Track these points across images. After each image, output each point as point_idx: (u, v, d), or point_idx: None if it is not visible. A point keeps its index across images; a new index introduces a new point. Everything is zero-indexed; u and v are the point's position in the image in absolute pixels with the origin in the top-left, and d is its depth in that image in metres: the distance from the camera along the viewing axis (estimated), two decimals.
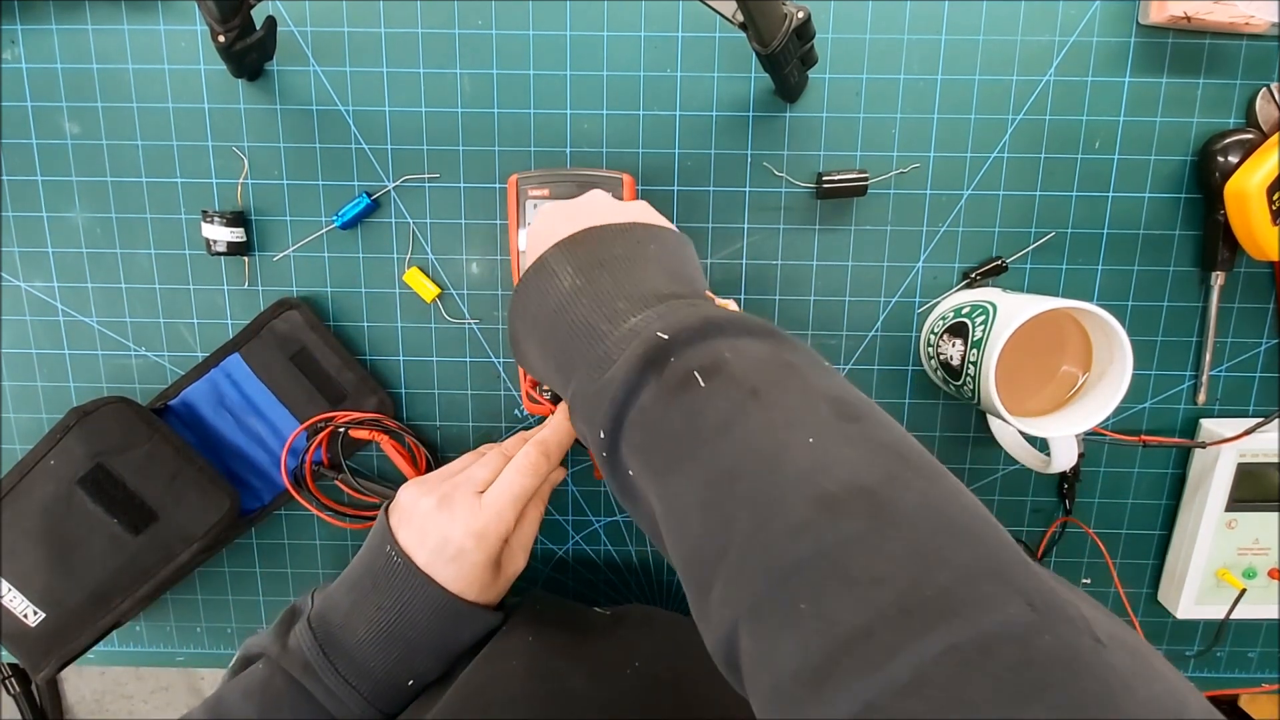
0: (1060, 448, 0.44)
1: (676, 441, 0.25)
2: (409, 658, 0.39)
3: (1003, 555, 0.20)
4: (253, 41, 0.41)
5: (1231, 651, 0.55)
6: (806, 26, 0.38)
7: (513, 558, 0.41)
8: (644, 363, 0.26)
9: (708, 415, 0.24)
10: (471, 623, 0.40)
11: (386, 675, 0.39)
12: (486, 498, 0.40)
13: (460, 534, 0.39)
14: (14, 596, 0.46)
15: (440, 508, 0.39)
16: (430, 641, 0.39)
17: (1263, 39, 0.45)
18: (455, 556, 0.39)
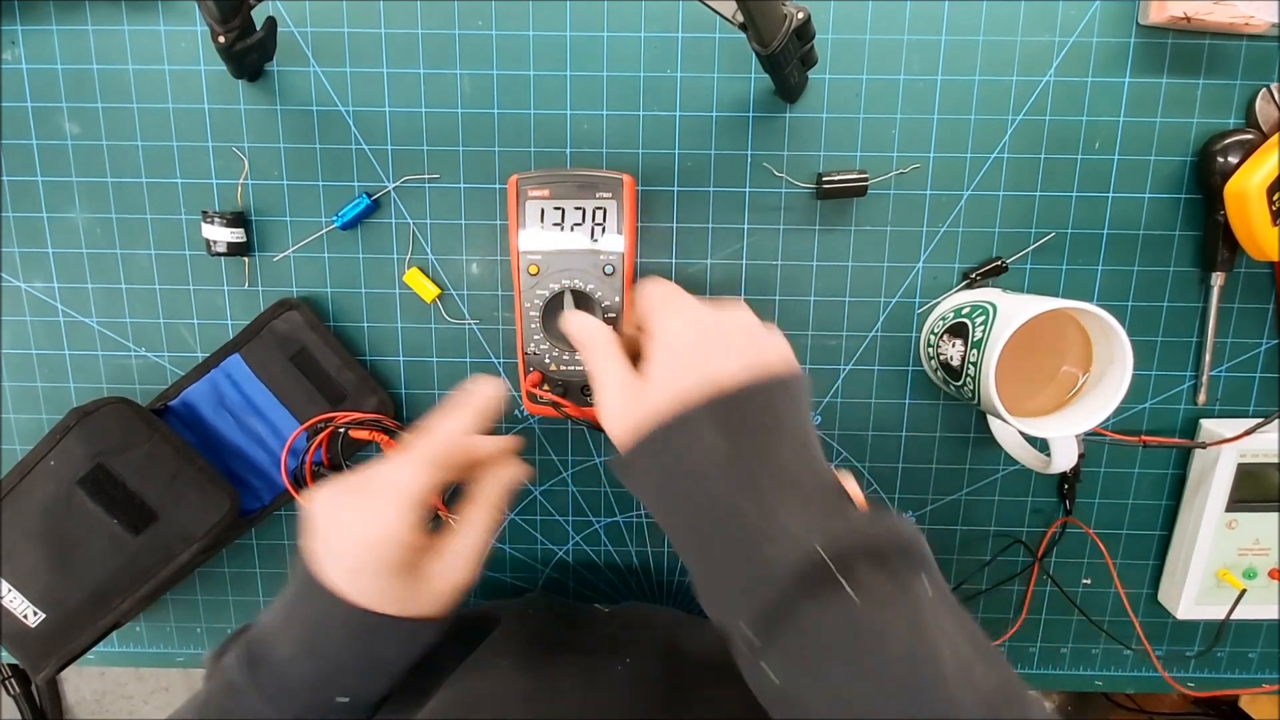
0: (1060, 448, 0.44)
1: (835, 651, 0.27)
2: (335, 675, 0.36)
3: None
4: (253, 42, 0.41)
5: (1232, 652, 0.55)
6: (806, 27, 0.38)
7: (450, 567, 0.37)
8: (803, 580, 0.28)
9: (865, 629, 0.27)
10: (393, 637, 0.36)
11: (312, 693, 0.36)
12: (374, 502, 0.35)
13: (351, 543, 0.35)
14: (14, 597, 0.46)
15: (335, 514, 0.35)
16: (351, 658, 0.36)
17: (1262, 39, 0.45)
18: (354, 568, 0.35)
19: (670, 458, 0.31)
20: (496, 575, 0.54)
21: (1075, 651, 0.55)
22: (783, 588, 0.28)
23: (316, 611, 0.35)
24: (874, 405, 0.51)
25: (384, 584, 0.35)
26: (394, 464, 0.36)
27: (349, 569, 0.35)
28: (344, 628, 0.35)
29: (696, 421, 0.31)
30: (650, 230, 0.48)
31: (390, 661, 0.37)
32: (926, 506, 0.52)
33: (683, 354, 0.33)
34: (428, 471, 0.36)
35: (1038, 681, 0.56)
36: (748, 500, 0.30)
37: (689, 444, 0.31)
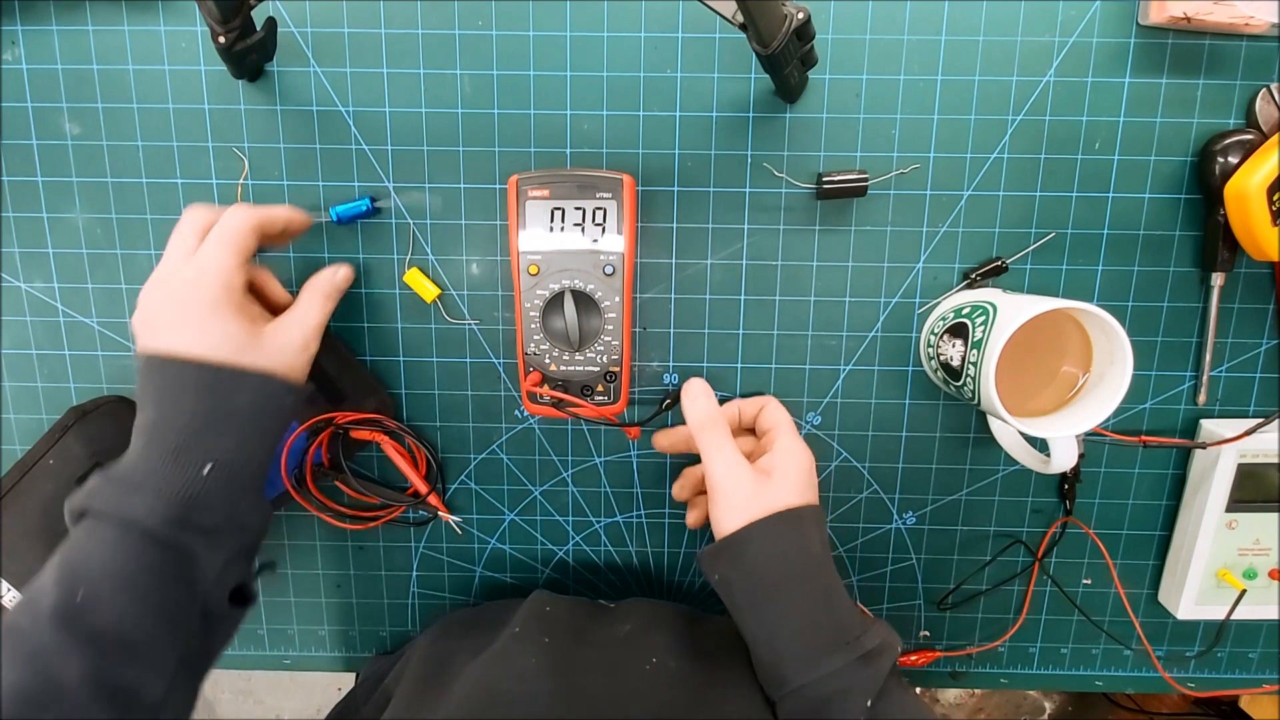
0: (1060, 448, 0.44)
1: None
2: (192, 440, 0.36)
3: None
4: (253, 42, 0.41)
5: (1232, 652, 0.55)
6: (806, 27, 0.38)
7: (284, 327, 0.40)
8: (892, 671, 0.39)
9: (922, 709, 0.40)
10: (241, 387, 0.37)
11: (176, 465, 0.36)
12: (192, 257, 0.39)
13: (175, 287, 0.38)
14: (14, 596, 0.46)
15: (151, 286, 0.39)
16: (204, 417, 0.36)
17: (1263, 39, 0.45)
18: (180, 314, 0.37)
19: (785, 544, 0.40)
20: (497, 575, 0.54)
21: (1075, 652, 0.55)
22: (884, 674, 0.38)
23: (159, 386, 0.36)
24: (874, 405, 0.51)
25: (216, 325, 0.37)
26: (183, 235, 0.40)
27: (179, 321, 0.37)
28: (189, 387, 0.36)
29: (809, 521, 0.40)
30: (650, 230, 0.48)
31: (245, 417, 0.37)
32: (926, 506, 0.53)
33: (805, 471, 0.42)
34: (246, 228, 0.39)
35: (1038, 682, 0.56)
36: (835, 600, 0.40)
37: (802, 539, 0.40)
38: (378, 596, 0.55)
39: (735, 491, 0.41)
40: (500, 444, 0.52)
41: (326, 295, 0.43)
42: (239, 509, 0.38)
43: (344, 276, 0.46)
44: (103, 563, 0.34)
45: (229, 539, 0.37)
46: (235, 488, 0.37)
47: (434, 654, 0.44)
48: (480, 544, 0.54)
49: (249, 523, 0.39)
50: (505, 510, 0.53)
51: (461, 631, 0.47)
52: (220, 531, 0.37)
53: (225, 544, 0.37)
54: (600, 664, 0.41)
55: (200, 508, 0.36)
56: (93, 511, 0.35)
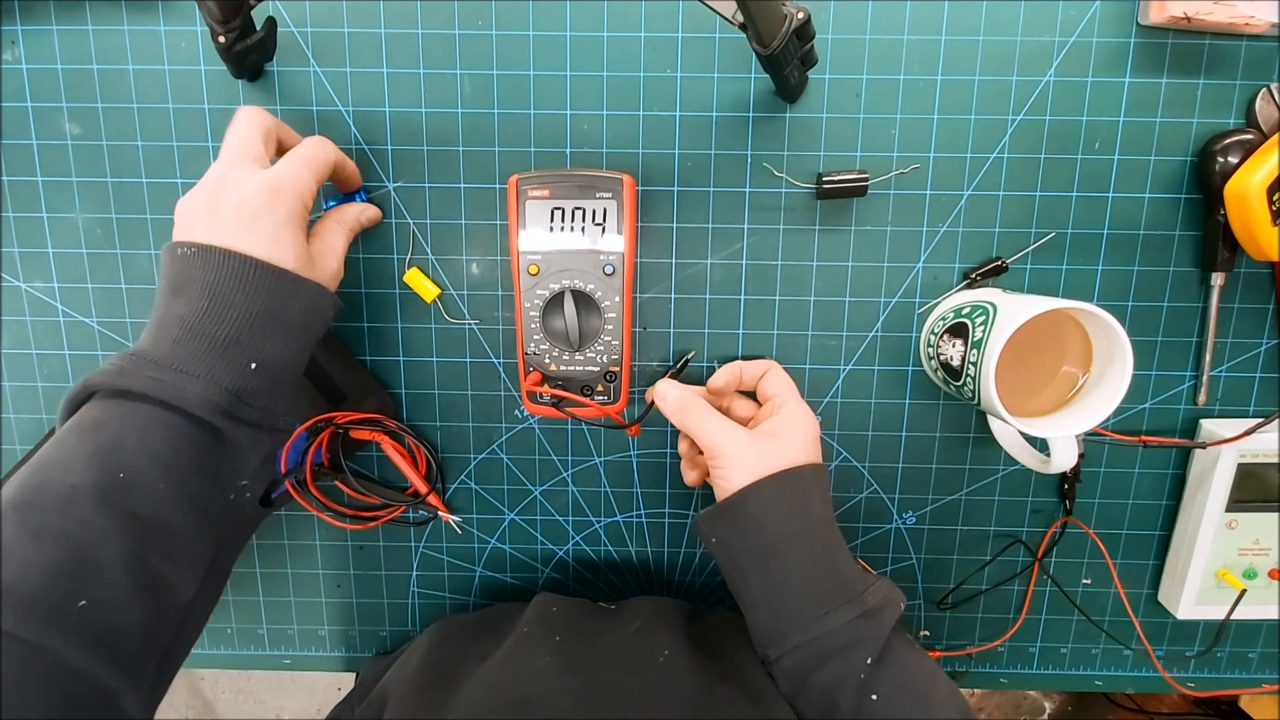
0: (1060, 448, 0.44)
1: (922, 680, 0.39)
2: (244, 339, 0.36)
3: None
4: (253, 42, 0.41)
5: (1232, 652, 0.55)
6: (806, 27, 0.38)
7: (322, 256, 0.41)
8: (897, 626, 0.39)
9: (926, 668, 0.39)
10: (295, 290, 0.38)
11: (221, 359, 0.35)
12: (275, 166, 0.39)
13: (251, 191, 0.37)
14: None
15: (219, 184, 0.38)
16: (255, 319, 0.36)
17: (1262, 39, 0.45)
18: (253, 217, 0.37)
19: (789, 503, 0.40)
20: (497, 575, 0.54)
21: (1075, 651, 0.55)
22: (888, 628, 0.38)
23: (213, 279, 0.36)
24: (874, 405, 0.51)
25: (283, 233, 0.37)
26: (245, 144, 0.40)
27: (250, 225, 0.37)
28: (250, 284, 0.36)
29: (809, 480, 0.41)
30: (650, 230, 0.48)
31: (296, 322, 0.38)
32: (926, 506, 0.53)
33: (810, 434, 0.43)
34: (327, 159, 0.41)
35: (1038, 682, 0.56)
36: (839, 556, 0.41)
37: (804, 497, 0.40)
38: (378, 596, 0.55)
39: (734, 452, 0.41)
40: (500, 444, 0.52)
41: (350, 226, 0.44)
42: (276, 409, 0.38)
43: (369, 217, 0.47)
44: (144, 445, 0.33)
45: (266, 438, 0.38)
46: (276, 389, 0.38)
47: (436, 659, 0.44)
48: (480, 544, 0.54)
49: (282, 425, 0.39)
50: (505, 510, 0.53)
51: (463, 636, 0.47)
52: (260, 428, 0.37)
53: (263, 442, 0.38)
54: (615, 660, 0.41)
55: (244, 403, 0.36)
56: (129, 393, 0.34)
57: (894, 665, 0.38)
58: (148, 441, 0.34)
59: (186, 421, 0.35)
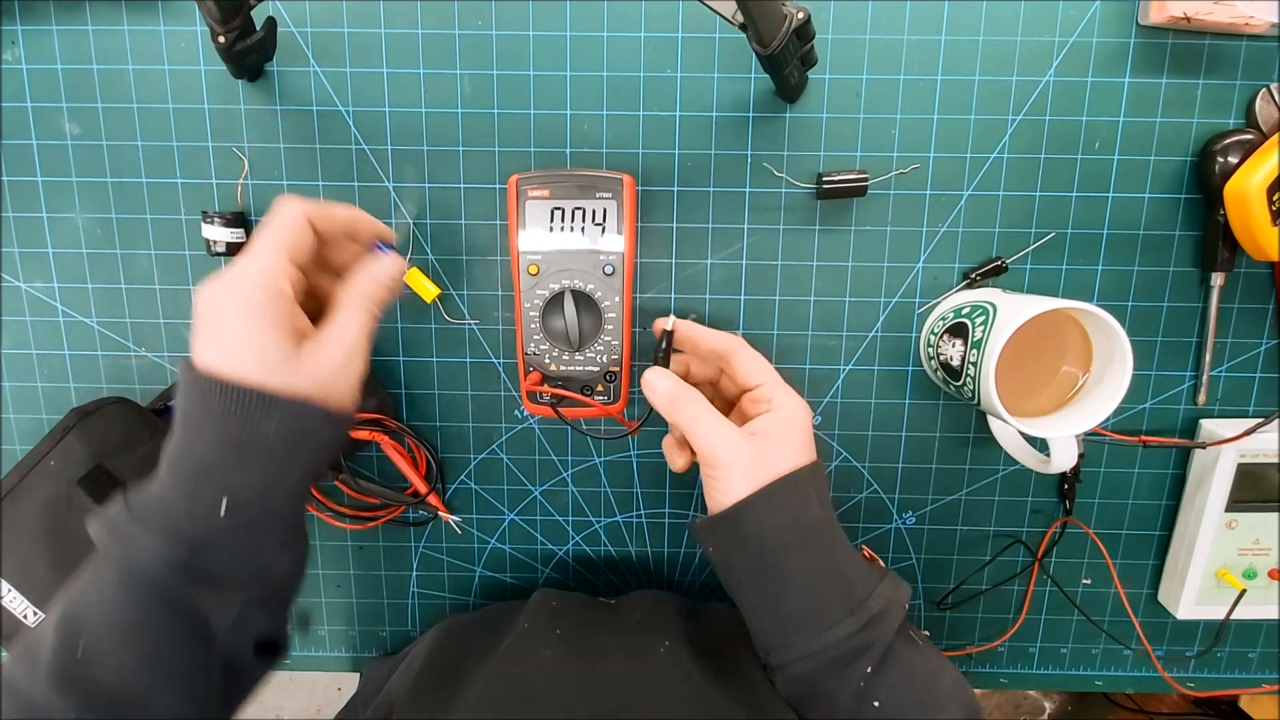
0: (1060, 448, 0.44)
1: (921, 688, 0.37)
2: (209, 474, 0.32)
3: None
4: (253, 42, 0.41)
5: (1232, 652, 0.55)
6: (806, 27, 0.38)
7: (324, 345, 0.34)
8: (899, 631, 0.38)
9: (930, 667, 0.38)
10: (265, 410, 0.31)
11: (187, 500, 0.32)
12: (243, 259, 0.34)
13: (213, 288, 0.32)
14: (14, 597, 0.46)
15: (209, 282, 0.33)
16: (224, 448, 0.31)
17: (1262, 39, 0.45)
18: (217, 319, 0.32)
19: (790, 511, 0.38)
20: (497, 575, 0.54)
21: (1075, 651, 0.55)
22: (889, 637, 0.37)
23: (185, 404, 0.32)
24: (874, 405, 0.51)
25: (248, 338, 0.32)
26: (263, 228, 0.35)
27: (213, 330, 0.32)
28: (212, 409, 0.31)
29: (807, 485, 0.38)
30: (650, 230, 0.48)
31: (273, 448, 0.32)
32: (926, 506, 0.53)
33: (802, 430, 0.40)
34: (295, 223, 0.34)
35: (1038, 682, 0.56)
36: (844, 559, 0.39)
37: (802, 503, 0.38)
38: (378, 596, 0.55)
39: (731, 459, 0.38)
40: (500, 444, 0.52)
41: (366, 297, 0.36)
42: (262, 552, 0.33)
43: (388, 272, 0.38)
44: (105, 611, 0.31)
45: (248, 586, 0.33)
46: (258, 528, 0.33)
47: (440, 657, 0.44)
48: (480, 544, 0.54)
49: (274, 568, 0.34)
50: (505, 510, 0.53)
51: (466, 634, 0.47)
52: (235, 579, 0.33)
53: (242, 592, 0.33)
54: (617, 650, 0.41)
55: (213, 549, 0.32)
56: (99, 547, 0.33)
57: (896, 669, 0.37)
58: (111, 607, 0.31)
59: (145, 584, 0.31)
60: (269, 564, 0.34)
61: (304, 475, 0.34)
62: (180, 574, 0.32)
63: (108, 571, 0.32)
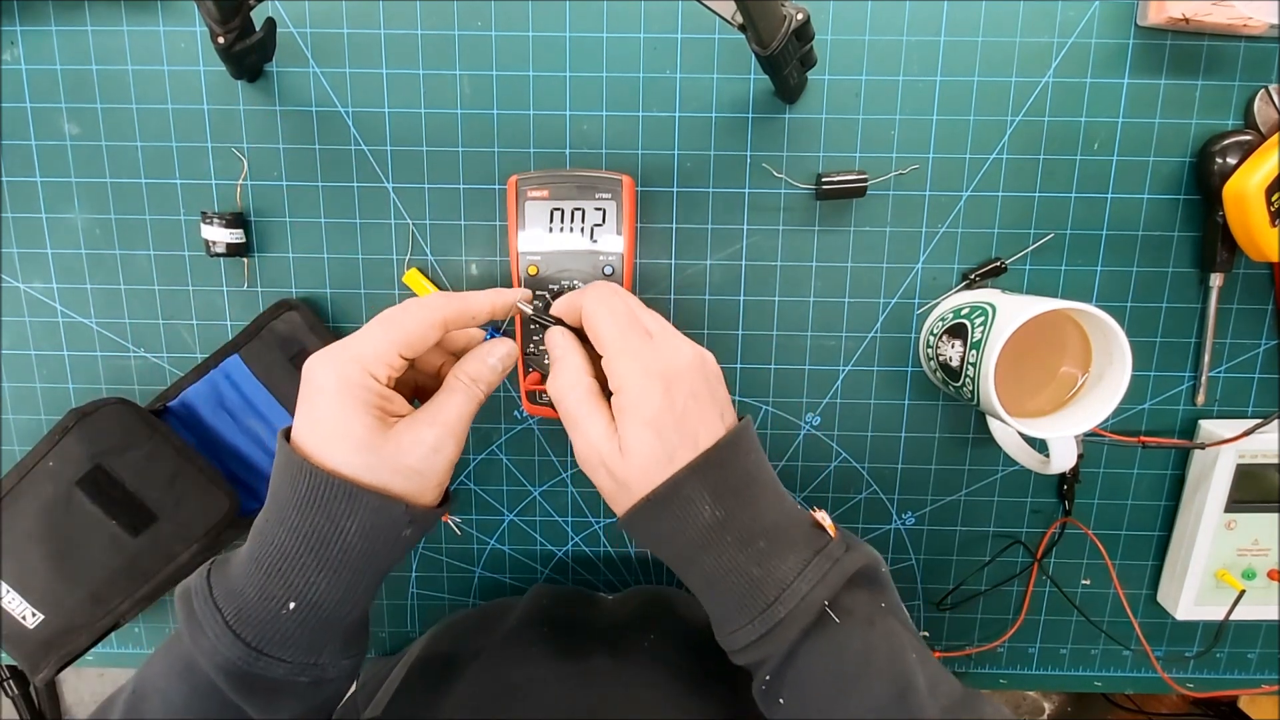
0: (1059, 449, 0.44)
1: (834, 677, 0.31)
2: (284, 570, 0.30)
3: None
4: (252, 43, 0.41)
5: (1231, 653, 0.55)
6: (805, 28, 0.38)
7: (413, 425, 0.32)
8: (807, 629, 0.31)
9: (850, 652, 0.31)
10: (350, 505, 0.30)
11: (258, 596, 0.30)
12: (348, 341, 0.33)
13: (319, 366, 0.31)
14: (13, 598, 0.46)
15: (310, 361, 0.32)
16: (305, 540, 0.30)
17: (1261, 40, 0.45)
18: (314, 396, 0.31)
19: (670, 524, 0.32)
20: (496, 576, 0.54)
21: (1075, 652, 0.55)
22: (792, 639, 0.31)
23: (278, 483, 0.31)
24: (873, 406, 0.51)
25: (337, 419, 0.30)
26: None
27: (305, 408, 0.31)
28: (299, 498, 0.30)
29: (687, 489, 0.32)
30: (650, 231, 0.48)
31: (350, 549, 0.30)
32: (926, 507, 0.53)
33: (656, 418, 0.32)
34: (422, 329, 0.33)
35: (1037, 682, 0.56)
36: (747, 559, 0.32)
37: (685, 512, 0.32)
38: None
39: (601, 483, 0.34)
40: (500, 444, 0.52)
41: (471, 378, 0.34)
42: (319, 658, 0.32)
43: (500, 357, 0.36)
44: (165, 698, 0.31)
45: (300, 694, 0.32)
46: (322, 635, 0.31)
47: (435, 654, 0.44)
48: (479, 544, 0.54)
49: (329, 675, 0.32)
50: (504, 511, 0.53)
51: (462, 632, 0.47)
52: (288, 686, 0.31)
53: (293, 699, 0.32)
54: (602, 646, 0.41)
55: (272, 653, 0.30)
56: (177, 621, 0.32)
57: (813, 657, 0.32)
58: (168, 695, 0.31)
59: (204, 678, 0.30)
60: (324, 673, 0.32)
61: (377, 578, 0.32)
62: (236, 679, 0.30)
63: (176, 653, 0.31)
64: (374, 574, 0.32)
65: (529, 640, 0.41)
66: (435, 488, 0.33)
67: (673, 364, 0.33)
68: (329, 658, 0.32)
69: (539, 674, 0.38)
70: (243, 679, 0.30)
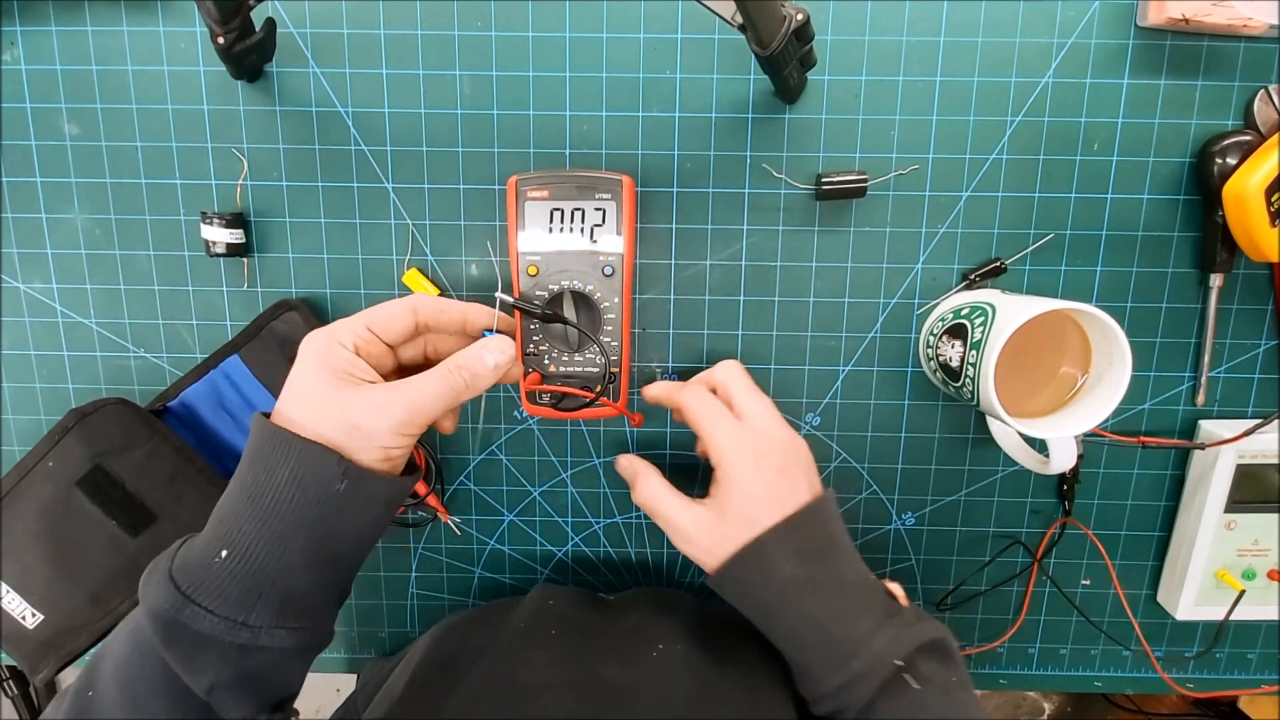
0: (1059, 449, 0.44)
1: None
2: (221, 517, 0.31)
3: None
4: (252, 43, 0.41)
5: (1231, 653, 0.55)
6: (805, 28, 0.38)
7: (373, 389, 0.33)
8: (883, 684, 0.35)
9: (927, 717, 0.34)
10: (285, 451, 0.30)
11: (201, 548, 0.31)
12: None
13: (303, 342, 0.34)
14: (13, 598, 0.46)
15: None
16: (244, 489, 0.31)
17: (1261, 40, 0.45)
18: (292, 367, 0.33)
19: (757, 578, 0.37)
20: (496, 576, 0.54)
21: (1074, 652, 0.55)
22: (868, 695, 0.35)
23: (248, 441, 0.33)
24: (873, 406, 0.51)
25: (296, 377, 0.33)
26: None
27: (289, 382, 0.33)
28: (252, 443, 0.32)
29: (771, 548, 0.37)
30: (650, 231, 0.48)
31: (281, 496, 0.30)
32: (926, 507, 0.53)
33: (749, 486, 0.37)
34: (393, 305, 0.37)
35: (1037, 683, 0.56)
36: (826, 616, 0.36)
37: (768, 568, 0.36)
38: (376, 597, 0.55)
39: (690, 539, 0.38)
40: (499, 445, 0.52)
41: (456, 362, 0.35)
42: (249, 617, 0.30)
43: (495, 354, 0.37)
44: (114, 657, 0.31)
45: (225, 655, 0.30)
46: (251, 592, 0.30)
47: (437, 655, 0.44)
48: (479, 545, 0.54)
49: (258, 642, 0.31)
50: (504, 511, 0.53)
51: (464, 632, 0.47)
52: (214, 641, 0.30)
53: (215, 657, 0.30)
54: (610, 652, 0.41)
55: (200, 602, 0.30)
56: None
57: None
58: (116, 654, 0.31)
59: (144, 632, 0.30)
60: (256, 638, 0.31)
61: (312, 543, 0.31)
62: (163, 627, 0.30)
63: (131, 614, 0.32)
64: (304, 538, 0.31)
65: (534, 645, 0.41)
66: (375, 449, 0.32)
67: (761, 442, 0.38)
68: (260, 620, 0.31)
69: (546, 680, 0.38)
70: (170, 626, 0.30)
